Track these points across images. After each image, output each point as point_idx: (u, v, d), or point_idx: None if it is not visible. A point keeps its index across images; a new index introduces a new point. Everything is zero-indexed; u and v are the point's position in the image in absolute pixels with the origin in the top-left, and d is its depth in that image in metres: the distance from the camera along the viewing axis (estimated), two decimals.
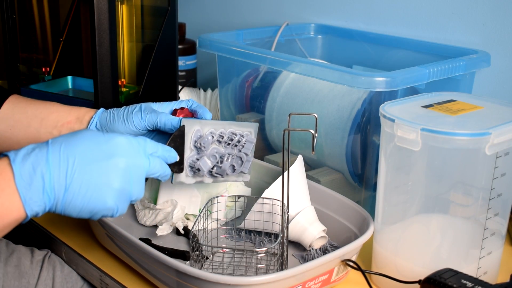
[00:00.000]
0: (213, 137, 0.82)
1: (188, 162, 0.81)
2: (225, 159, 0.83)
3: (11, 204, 0.60)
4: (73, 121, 0.83)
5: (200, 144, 0.80)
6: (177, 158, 0.76)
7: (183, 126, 0.79)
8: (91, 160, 0.63)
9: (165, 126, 0.80)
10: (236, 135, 0.85)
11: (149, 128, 0.82)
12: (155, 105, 0.85)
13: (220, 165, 0.83)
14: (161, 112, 0.81)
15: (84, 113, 0.84)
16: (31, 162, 0.61)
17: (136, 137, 0.69)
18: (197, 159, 0.81)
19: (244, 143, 0.85)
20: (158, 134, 0.85)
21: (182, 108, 0.84)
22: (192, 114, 0.85)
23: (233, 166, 0.85)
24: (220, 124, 0.84)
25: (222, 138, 0.83)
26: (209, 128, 0.82)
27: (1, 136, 0.83)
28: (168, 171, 0.73)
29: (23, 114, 0.83)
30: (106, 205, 0.64)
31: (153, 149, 0.70)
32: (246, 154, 0.86)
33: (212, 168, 0.83)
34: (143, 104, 0.83)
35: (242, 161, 0.86)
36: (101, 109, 0.84)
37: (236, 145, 0.85)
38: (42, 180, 0.61)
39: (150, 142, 0.70)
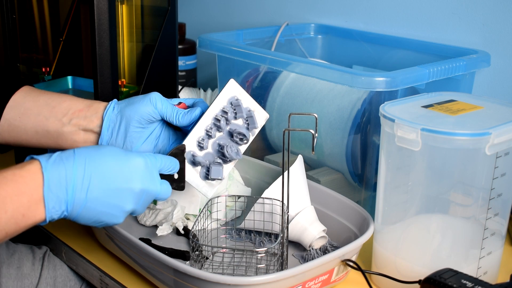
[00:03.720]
0: (201, 146, 0.81)
1: (202, 177, 0.82)
2: (225, 148, 0.82)
3: (36, 209, 0.65)
4: (85, 109, 0.82)
5: (198, 162, 0.80)
6: (177, 170, 0.77)
7: (183, 145, 0.79)
8: (110, 181, 0.68)
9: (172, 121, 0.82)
10: (219, 117, 0.81)
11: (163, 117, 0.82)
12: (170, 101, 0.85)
13: (227, 158, 0.82)
14: (174, 107, 0.82)
15: (98, 102, 0.84)
16: (58, 173, 0.66)
17: (150, 156, 0.72)
18: (208, 168, 0.81)
19: (235, 110, 0.83)
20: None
21: (179, 103, 0.84)
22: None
23: (242, 139, 0.83)
24: (202, 122, 0.81)
25: (210, 134, 0.81)
26: (194, 139, 0.80)
27: (10, 124, 0.83)
28: (169, 194, 0.75)
29: (34, 103, 0.83)
30: (115, 222, 0.71)
31: (161, 165, 0.74)
32: (244, 117, 0.83)
33: (225, 162, 0.83)
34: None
35: (248, 123, 0.84)
36: (115, 99, 0.84)
37: (227, 122, 0.82)
38: (66, 194, 0.66)
39: (160, 159, 0.74)
